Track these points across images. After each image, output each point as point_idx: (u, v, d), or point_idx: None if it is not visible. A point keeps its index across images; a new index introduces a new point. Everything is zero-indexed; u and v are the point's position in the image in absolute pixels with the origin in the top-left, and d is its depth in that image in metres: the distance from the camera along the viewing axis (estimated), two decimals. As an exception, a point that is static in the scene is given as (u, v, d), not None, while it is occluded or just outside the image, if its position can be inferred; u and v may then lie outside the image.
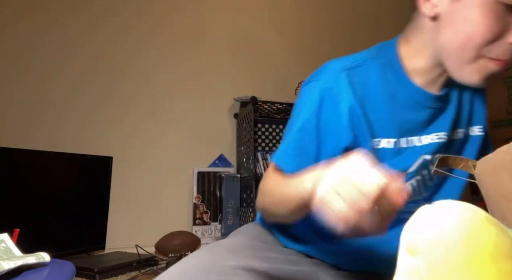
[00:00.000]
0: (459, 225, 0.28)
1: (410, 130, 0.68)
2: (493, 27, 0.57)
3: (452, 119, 0.70)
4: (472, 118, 0.74)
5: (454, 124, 0.71)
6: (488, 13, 0.57)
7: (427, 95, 0.67)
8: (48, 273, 0.72)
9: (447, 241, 0.27)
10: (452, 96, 0.71)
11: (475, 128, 0.74)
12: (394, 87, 0.66)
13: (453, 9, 0.60)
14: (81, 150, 1.60)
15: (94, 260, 1.49)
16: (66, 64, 1.75)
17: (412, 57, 0.66)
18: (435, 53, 0.64)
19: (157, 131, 1.90)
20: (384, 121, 0.67)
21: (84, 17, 1.80)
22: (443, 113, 0.70)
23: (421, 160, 0.70)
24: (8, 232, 0.82)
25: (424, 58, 0.65)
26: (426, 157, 0.70)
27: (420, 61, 0.66)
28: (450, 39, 0.61)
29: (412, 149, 0.69)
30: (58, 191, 1.49)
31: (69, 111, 1.74)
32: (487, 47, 0.58)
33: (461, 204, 0.30)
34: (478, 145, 0.75)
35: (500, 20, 0.57)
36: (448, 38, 0.61)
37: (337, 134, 0.64)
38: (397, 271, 0.31)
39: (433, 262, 0.28)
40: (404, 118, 0.68)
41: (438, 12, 0.61)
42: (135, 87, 1.88)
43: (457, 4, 0.59)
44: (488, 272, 0.26)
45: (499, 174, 0.49)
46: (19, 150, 1.37)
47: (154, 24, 1.95)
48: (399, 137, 0.68)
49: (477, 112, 0.74)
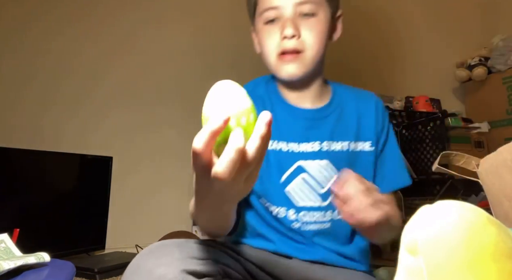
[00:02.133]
0: (460, 225, 0.28)
1: (289, 135, 0.80)
2: (267, 35, 0.79)
3: (330, 130, 0.81)
4: (359, 133, 0.82)
5: (332, 136, 0.80)
6: (260, 32, 0.81)
7: (298, 110, 0.82)
8: (48, 273, 0.72)
9: (448, 241, 0.27)
10: (332, 110, 0.83)
11: (366, 144, 0.83)
12: (273, 101, 0.83)
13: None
14: (81, 150, 1.60)
15: (94, 260, 1.49)
16: (65, 64, 1.75)
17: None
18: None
19: (157, 131, 1.90)
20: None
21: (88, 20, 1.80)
22: (322, 125, 0.81)
23: (296, 165, 0.79)
24: (8, 232, 0.82)
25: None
26: (302, 164, 0.79)
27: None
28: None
29: (290, 153, 0.79)
30: (58, 191, 1.49)
31: (69, 111, 1.74)
32: (274, 46, 0.77)
33: (461, 204, 0.30)
34: (370, 161, 0.82)
35: (270, 29, 0.78)
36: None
37: None
38: (398, 271, 0.31)
39: (433, 262, 0.28)
40: (284, 124, 0.80)
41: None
42: (135, 87, 1.88)
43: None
44: (489, 272, 0.26)
45: (502, 173, 0.49)
46: (19, 150, 1.36)
47: (160, 32, 1.95)
48: (278, 139, 0.80)
49: (364, 128, 0.83)
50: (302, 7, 0.76)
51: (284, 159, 0.79)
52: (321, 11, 0.77)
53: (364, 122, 0.83)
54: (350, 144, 0.81)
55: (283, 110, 0.82)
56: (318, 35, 0.77)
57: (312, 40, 0.76)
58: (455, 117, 2.30)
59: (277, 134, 0.79)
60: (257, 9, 0.80)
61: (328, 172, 0.78)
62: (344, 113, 0.83)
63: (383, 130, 0.85)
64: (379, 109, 0.86)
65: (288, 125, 0.80)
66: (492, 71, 2.43)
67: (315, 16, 0.77)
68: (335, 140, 0.80)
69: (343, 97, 0.86)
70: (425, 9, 2.67)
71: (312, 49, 0.76)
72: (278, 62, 0.78)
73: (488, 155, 0.54)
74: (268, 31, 0.78)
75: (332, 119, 0.82)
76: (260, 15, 0.79)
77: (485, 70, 2.42)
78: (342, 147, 0.80)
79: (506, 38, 2.36)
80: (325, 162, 0.79)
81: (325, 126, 0.81)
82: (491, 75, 2.43)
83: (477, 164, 0.56)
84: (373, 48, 2.39)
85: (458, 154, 0.61)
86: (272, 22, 0.77)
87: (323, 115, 0.82)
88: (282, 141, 0.79)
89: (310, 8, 0.76)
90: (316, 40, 0.77)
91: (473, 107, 2.60)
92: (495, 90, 2.42)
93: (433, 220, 0.29)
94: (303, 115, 0.82)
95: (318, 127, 0.81)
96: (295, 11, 0.76)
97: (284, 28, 0.75)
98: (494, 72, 2.42)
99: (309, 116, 0.82)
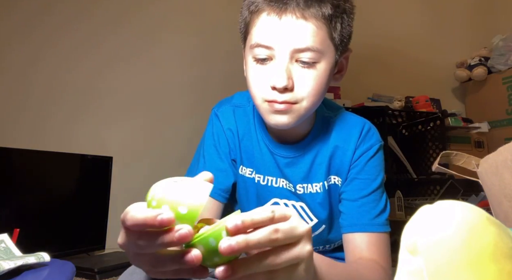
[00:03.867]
0: (460, 225, 0.28)
1: (267, 169, 0.76)
2: (255, 77, 0.66)
3: (306, 171, 0.75)
4: (331, 168, 0.75)
5: (307, 177, 0.75)
6: (248, 67, 0.67)
7: (278, 146, 0.75)
8: (48, 273, 0.72)
9: (448, 241, 0.27)
10: (311, 145, 0.75)
11: (337, 178, 0.75)
12: (257, 128, 0.77)
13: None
14: (81, 150, 1.60)
15: (94, 260, 1.49)
16: (65, 63, 1.75)
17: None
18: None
19: (157, 131, 1.90)
20: (249, 153, 0.77)
21: (75, 3, 1.81)
22: (299, 163, 0.75)
23: (272, 201, 0.76)
24: (8, 232, 0.82)
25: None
26: (278, 201, 0.76)
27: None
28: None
29: (268, 187, 0.76)
30: (58, 191, 1.49)
31: (69, 111, 1.74)
32: (262, 92, 0.65)
33: (462, 204, 0.30)
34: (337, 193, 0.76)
35: (259, 70, 0.65)
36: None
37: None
38: (398, 271, 0.31)
39: (433, 262, 0.28)
40: (263, 157, 0.75)
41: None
42: (136, 87, 1.88)
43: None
44: (489, 272, 0.26)
45: (502, 173, 0.49)
46: (19, 150, 1.36)
47: (160, 25, 1.95)
48: (257, 172, 0.76)
49: (337, 162, 0.75)
50: (301, 55, 0.61)
51: (262, 192, 0.77)
52: (324, 59, 0.63)
53: (339, 155, 0.74)
54: (325, 182, 0.75)
55: (264, 143, 0.76)
56: (315, 87, 0.64)
57: (307, 92, 0.63)
58: (455, 117, 2.30)
59: (256, 166, 0.76)
60: (248, 38, 0.66)
61: (302, 217, 0.75)
62: (321, 146, 0.75)
63: (359, 163, 0.73)
64: (362, 141, 0.74)
65: (267, 159, 0.76)
66: (492, 71, 2.43)
67: (316, 65, 0.63)
68: (311, 182, 0.75)
69: (324, 126, 0.77)
70: (425, 9, 2.67)
71: (307, 101, 0.64)
72: (266, 109, 0.65)
73: (488, 155, 0.54)
74: (256, 71, 0.65)
75: (310, 156, 0.75)
76: (250, 48, 0.65)
77: (485, 70, 2.42)
78: (317, 189, 0.75)
79: (506, 38, 2.36)
80: (300, 204, 0.76)
81: (301, 165, 0.75)
82: (491, 75, 2.43)
83: (477, 164, 0.56)
84: (373, 48, 2.39)
85: (458, 154, 0.61)
86: (263, 61, 0.64)
87: (301, 153, 0.75)
88: (260, 174, 0.76)
89: (310, 57, 0.62)
90: (313, 93, 0.64)
91: (473, 107, 2.60)
92: (495, 90, 2.42)
93: (433, 220, 0.29)
94: (282, 152, 0.75)
95: (295, 165, 0.75)
96: (292, 57, 0.62)
97: (274, 76, 0.62)
98: (494, 72, 2.42)
99: (288, 154, 0.75)
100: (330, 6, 0.61)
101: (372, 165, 0.73)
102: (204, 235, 0.36)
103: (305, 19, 0.60)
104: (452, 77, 2.62)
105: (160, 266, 0.37)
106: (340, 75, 0.72)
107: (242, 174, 0.77)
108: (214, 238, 0.35)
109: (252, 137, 0.77)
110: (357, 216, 0.70)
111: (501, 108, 2.38)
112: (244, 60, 0.71)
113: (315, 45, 0.61)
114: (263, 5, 0.62)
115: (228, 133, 0.77)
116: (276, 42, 0.61)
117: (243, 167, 0.77)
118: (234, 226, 0.35)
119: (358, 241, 0.69)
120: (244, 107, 0.79)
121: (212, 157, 0.76)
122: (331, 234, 0.79)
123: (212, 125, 0.79)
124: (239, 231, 0.35)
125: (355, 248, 0.69)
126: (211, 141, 0.77)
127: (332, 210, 0.77)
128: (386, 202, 0.74)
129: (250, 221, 0.36)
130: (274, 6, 0.61)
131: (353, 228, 0.70)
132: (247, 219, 0.35)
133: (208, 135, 0.79)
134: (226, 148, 0.76)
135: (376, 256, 0.67)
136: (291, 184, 0.76)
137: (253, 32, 0.64)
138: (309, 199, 0.75)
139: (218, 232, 0.36)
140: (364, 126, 0.76)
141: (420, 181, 2.13)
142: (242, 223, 0.35)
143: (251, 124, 0.78)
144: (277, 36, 0.61)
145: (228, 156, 0.76)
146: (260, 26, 0.63)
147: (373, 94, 2.33)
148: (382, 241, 0.69)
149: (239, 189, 0.79)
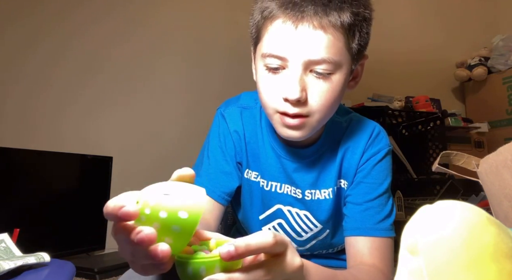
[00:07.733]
0: (460, 225, 0.28)
1: (273, 175, 0.74)
2: (266, 86, 0.63)
3: (314, 177, 0.73)
4: (341, 172, 0.73)
5: (316, 183, 0.73)
6: (259, 75, 0.63)
7: (287, 150, 0.72)
8: (48, 273, 0.72)
9: (448, 241, 0.27)
10: (321, 151, 0.73)
11: (343, 182, 0.74)
12: (264, 132, 0.75)
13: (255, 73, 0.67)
14: (81, 150, 1.60)
15: (94, 260, 1.49)
16: (64, 63, 1.75)
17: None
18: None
19: (157, 131, 1.90)
20: (255, 157, 0.75)
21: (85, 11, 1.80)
22: (307, 168, 0.73)
23: (275, 208, 0.75)
24: (8, 232, 0.82)
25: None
26: (281, 207, 0.74)
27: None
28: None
29: (272, 193, 0.74)
30: (58, 191, 1.49)
31: (69, 111, 1.74)
32: (273, 103, 0.62)
33: (462, 204, 0.30)
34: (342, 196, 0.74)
35: (271, 79, 0.61)
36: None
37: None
38: (398, 271, 0.31)
39: (433, 262, 0.27)
40: (270, 162, 0.74)
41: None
42: (135, 86, 1.88)
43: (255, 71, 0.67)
44: (489, 272, 0.26)
45: (502, 173, 0.49)
46: (19, 150, 1.36)
47: (162, 29, 1.95)
48: (262, 176, 0.74)
49: (346, 166, 0.73)
50: (316, 66, 0.58)
51: (266, 197, 0.74)
52: (340, 70, 0.60)
53: (348, 158, 0.72)
54: (334, 187, 0.73)
55: (271, 147, 0.74)
56: (330, 100, 0.61)
57: (321, 105, 0.60)
58: (455, 117, 2.31)
59: (261, 170, 0.74)
60: (260, 45, 0.63)
61: (306, 225, 0.74)
62: (331, 151, 0.73)
63: (366, 166, 0.72)
64: (371, 145, 0.72)
65: (272, 164, 0.73)
66: (492, 71, 2.43)
67: (331, 76, 0.59)
68: (319, 188, 0.73)
69: (334, 131, 0.74)
70: (425, 8, 2.67)
71: (320, 114, 0.61)
72: (278, 121, 0.63)
73: (488, 155, 0.54)
74: (268, 81, 0.62)
75: (319, 162, 0.73)
76: (261, 56, 0.61)
77: (485, 70, 2.42)
78: (326, 195, 0.73)
79: (506, 38, 2.37)
80: (304, 212, 0.74)
81: (310, 171, 0.72)
82: (491, 75, 2.43)
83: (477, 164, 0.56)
84: (373, 48, 2.39)
85: (458, 154, 0.61)
86: (275, 70, 0.60)
87: (311, 158, 0.73)
88: (264, 179, 0.74)
89: (326, 68, 0.58)
90: (327, 105, 0.61)
91: (473, 107, 2.60)
92: (495, 90, 2.42)
93: (433, 220, 0.29)
94: (291, 157, 0.73)
95: (305, 170, 0.73)
96: (306, 68, 0.58)
97: (287, 88, 0.58)
98: (494, 72, 2.42)
99: (297, 158, 0.72)
100: (349, 14, 0.57)
101: (379, 169, 0.71)
102: (198, 260, 0.37)
103: (322, 29, 0.56)
104: (452, 77, 2.62)
105: (136, 259, 0.37)
106: (354, 82, 0.69)
107: (248, 178, 0.75)
108: (206, 268, 0.36)
109: (258, 140, 0.75)
110: (361, 219, 0.69)
111: (501, 108, 2.38)
112: (253, 64, 0.68)
113: (331, 56, 0.57)
114: (278, 12, 0.58)
115: (235, 135, 0.75)
116: (290, 53, 0.58)
117: (249, 171, 0.75)
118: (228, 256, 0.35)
119: (361, 245, 0.67)
120: (251, 109, 0.76)
121: (217, 158, 0.74)
122: (335, 238, 0.77)
123: (218, 125, 0.76)
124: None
125: (357, 252, 0.67)
126: (216, 142, 0.75)
127: (337, 215, 0.75)
128: (392, 207, 0.71)
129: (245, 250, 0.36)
130: (290, 13, 0.57)
131: (356, 231, 0.68)
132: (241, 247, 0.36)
133: (214, 135, 0.76)
134: (232, 150, 0.74)
135: (378, 261, 0.65)
136: (299, 190, 0.73)
137: (266, 40, 0.61)
138: (316, 206, 0.73)
139: (212, 263, 0.37)
140: (374, 129, 0.74)
141: (420, 181, 2.13)
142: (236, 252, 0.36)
143: (258, 127, 0.75)
144: (292, 47, 0.57)
145: (233, 159, 0.74)
146: (273, 34, 0.59)
147: (373, 94, 2.33)
148: (386, 246, 0.67)
149: (243, 193, 0.77)
